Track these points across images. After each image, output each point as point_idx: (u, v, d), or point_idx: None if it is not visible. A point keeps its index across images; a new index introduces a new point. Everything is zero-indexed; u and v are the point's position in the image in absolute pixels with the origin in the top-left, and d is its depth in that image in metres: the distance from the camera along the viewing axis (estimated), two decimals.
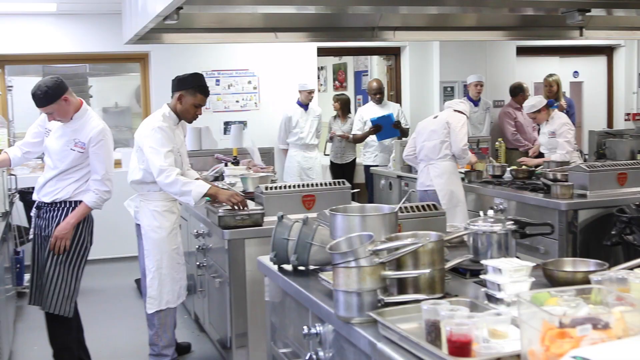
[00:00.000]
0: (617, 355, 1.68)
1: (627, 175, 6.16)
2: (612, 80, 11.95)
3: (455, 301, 2.61)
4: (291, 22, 7.28)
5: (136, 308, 6.87)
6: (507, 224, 3.37)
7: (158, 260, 5.24)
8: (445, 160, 6.93)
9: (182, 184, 4.99)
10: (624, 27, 8.47)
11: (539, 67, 10.91)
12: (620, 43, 11.60)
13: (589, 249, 5.86)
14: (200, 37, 7.30)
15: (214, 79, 9.69)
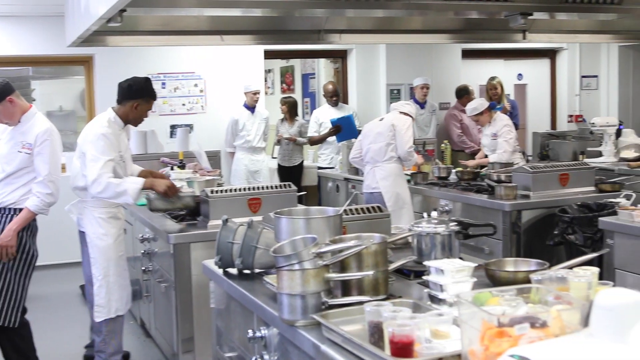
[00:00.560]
0: (553, 353, 1.70)
1: (569, 176, 6.27)
2: (555, 82, 12.15)
3: (399, 302, 2.63)
4: (237, 25, 7.26)
5: (81, 314, 6.77)
6: (450, 225, 3.40)
7: (105, 267, 5.14)
8: (391, 163, 6.96)
9: (115, 185, 4.90)
10: (566, 31, 8.63)
11: (484, 69, 11.04)
12: (563, 46, 11.80)
13: (532, 248, 5.94)
14: (145, 40, 7.23)
15: (160, 82, 9.61)
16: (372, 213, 3.85)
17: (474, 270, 2.85)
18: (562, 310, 1.96)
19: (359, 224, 3.72)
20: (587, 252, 4.81)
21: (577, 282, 2.55)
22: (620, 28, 8.82)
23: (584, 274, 2.64)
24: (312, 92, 12.74)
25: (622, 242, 4.86)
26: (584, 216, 5.53)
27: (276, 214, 3.23)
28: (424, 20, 7.88)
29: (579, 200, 5.89)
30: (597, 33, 8.94)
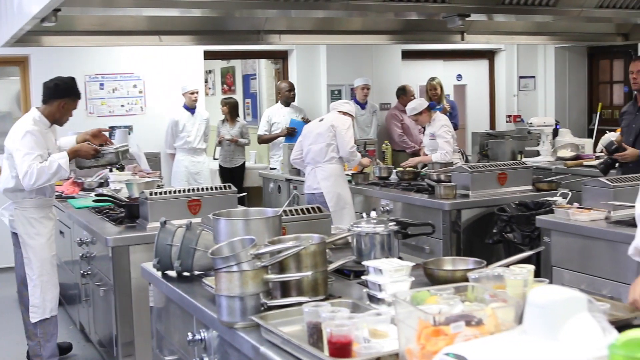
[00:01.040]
0: (487, 350, 1.72)
1: (507, 175, 6.35)
2: (493, 83, 12.31)
3: (337, 302, 2.63)
4: (176, 25, 7.20)
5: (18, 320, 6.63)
6: (389, 225, 3.42)
7: (39, 267, 5.09)
8: (332, 163, 6.97)
9: (47, 168, 5.02)
10: (503, 32, 8.75)
11: (424, 70, 11.13)
12: (501, 47, 11.96)
13: (472, 247, 6.01)
14: (82, 40, 7.12)
15: (97, 82, 9.48)
16: (311, 214, 3.84)
17: (412, 269, 2.87)
18: (497, 308, 1.98)
19: (298, 224, 3.72)
20: (525, 250, 4.88)
21: (513, 279, 2.59)
22: (556, 30, 8.98)
23: (520, 271, 2.67)
24: (253, 93, 12.70)
25: (559, 240, 4.95)
26: (522, 215, 5.61)
27: (214, 215, 3.20)
28: (364, 21, 7.91)
29: (517, 199, 5.97)
30: (533, 34, 9.08)
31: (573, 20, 7.30)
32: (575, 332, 1.70)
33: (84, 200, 6.26)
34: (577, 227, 4.80)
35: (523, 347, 1.72)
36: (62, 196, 6.61)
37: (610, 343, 1.40)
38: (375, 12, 6.14)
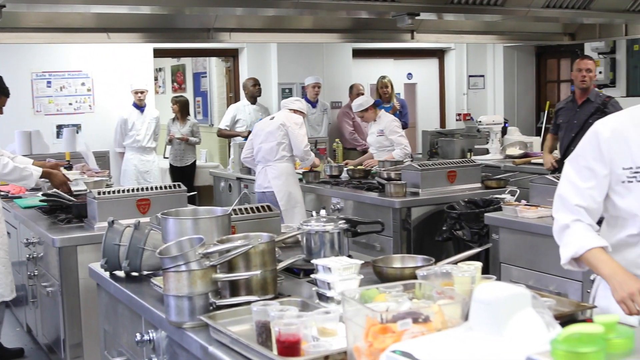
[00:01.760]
0: (433, 347, 1.73)
1: (456, 173, 6.41)
2: (443, 81, 12.41)
3: (287, 301, 2.63)
4: (125, 22, 7.13)
5: None
6: (339, 223, 3.43)
7: None
8: (282, 162, 6.97)
9: (21, 170, 5.29)
10: (453, 31, 8.84)
11: (375, 68, 11.17)
12: (451, 46, 12.06)
13: (422, 244, 6.05)
14: (28, 37, 7.01)
15: (45, 80, 9.32)
16: (261, 212, 3.83)
17: (362, 267, 2.88)
18: (444, 305, 1.99)
19: (248, 223, 3.71)
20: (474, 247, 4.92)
21: (461, 276, 2.61)
22: (504, 29, 9.09)
23: (467, 268, 2.70)
24: (204, 91, 12.63)
25: (507, 237, 5.01)
26: (471, 212, 5.66)
27: (163, 214, 3.17)
28: (314, 20, 7.93)
29: (466, 197, 6.03)
30: (482, 34, 9.19)
31: (521, 19, 7.40)
32: (519, 328, 1.72)
33: (30, 200, 6.16)
34: (524, 224, 4.87)
35: (468, 343, 1.73)
36: (9, 196, 6.50)
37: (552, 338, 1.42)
38: (325, 10, 6.17)
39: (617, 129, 2.71)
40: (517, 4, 6.49)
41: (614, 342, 1.44)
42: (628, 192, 2.71)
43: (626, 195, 2.72)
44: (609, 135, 2.70)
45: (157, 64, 12.35)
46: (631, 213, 2.72)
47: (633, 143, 2.69)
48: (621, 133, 2.70)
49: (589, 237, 2.73)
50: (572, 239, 2.75)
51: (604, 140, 2.70)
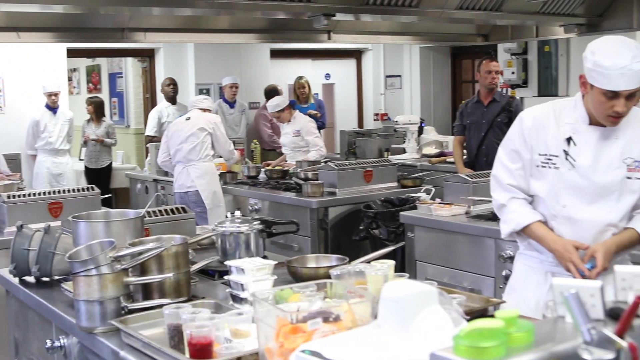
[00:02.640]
0: (342, 345, 1.74)
1: (373, 172, 6.46)
2: (361, 82, 12.50)
3: (200, 304, 2.62)
4: (36, 21, 6.94)
5: None
6: (253, 224, 3.42)
7: None
8: (205, 161, 6.93)
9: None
10: (369, 32, 8.90)
11: (293, 69, 11.19)
12: (368, 47, 12.16)
13: (339, 244, 6.09)
14: None
15: None
16: (175, 214, 3.80)
17: (277, 267, 2.88)
18: (354, 303, 2.01)
19: (162, 225, 3.67)
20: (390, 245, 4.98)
21: (374, 275, 2.64)
22: (420, 30, 9.19)
23: (380, 267, 2.73)
24: (120, 92, 12.43)
25: (422, 235, 5.09)
26: (387, 211, 5.72)
27: (74, 217, 3.11)
28: (231, 20, 7.87)
29: (382, 196, 6.09)
30: (399, 34, 9.28)
31: (436, 21, 7.52)
32: (426, 325, 1.75)
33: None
34: (439, 222, 4.95)
35: (377, 341, 1.75)
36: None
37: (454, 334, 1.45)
38: (242, 10, 6.14)
39: (538, 119, 3.03)
40: (431, 5, 6.58)
41: (515, 336, 1.47)
42: (541, 176, 3.02)
43: (540, 179, 3.03)
44: (531, 123, 3.03)
45: (72, 64, 12.10)
46: (540, 196, 3.05)
47: (550, 133, 2.99)
48: (541, 123, 3.01)
49: (525, 212, 3.06)
50: (511, 216, 3.08)
51: (526, 127, 3.04)
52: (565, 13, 7.36)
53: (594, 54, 2.84)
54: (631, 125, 2.96)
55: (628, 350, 1.42)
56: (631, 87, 2.81)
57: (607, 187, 2.94)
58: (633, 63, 2.77)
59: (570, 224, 2.98)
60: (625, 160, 2.94)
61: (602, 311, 1.60)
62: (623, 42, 2.87)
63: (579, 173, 2.95)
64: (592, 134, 2.95)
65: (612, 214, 2.96)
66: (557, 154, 2.97)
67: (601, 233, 2.97)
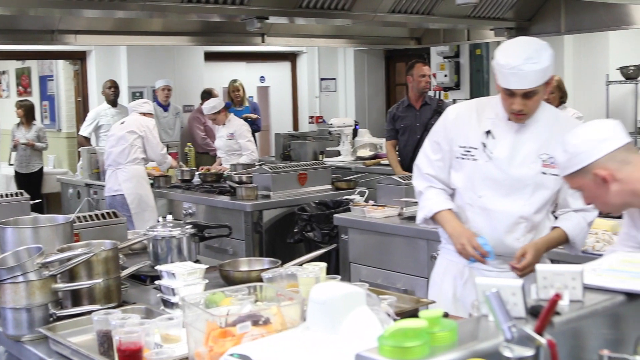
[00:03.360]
0: (270, 348, 1.75)
1: (307, 175, 6.48)
2: (296, 85, 12.50)
3: (130, 309, 2.60)
4: None
5: None
6: (185, 228, 3.41)
7: None
8: (134, 165, 6.87)
9: None
10: (303, 35, 8.92)
11: (227, 72, 11.13)
12: (303, 50, 12.17)
13: (274, 247, 6.09)
14: None
15: None
16: (106, 219, 3.76)
17: (209, 271, 2.88)
18: (284, 306, 2.02)
19: (92, 230, 3.63)
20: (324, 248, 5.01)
21: (305, 277, 2.66)
22: (353, 33, 9.25)
23: (312, 269, 2.75)
24: (51, 95, 12.20)
25: (355, 237, 5.12)
26: (321, 214, 5.75)
27: (0, 223, 3.05)
28: (164, 22, 7.81)
29: (317, 199, 6.12)
30: (333, 37, 9.31)
31: (369, 24, 7.57)
32: (354, 326, 1.76)
33: None
34: (372, 224, 4.99)
35: (305, 343, 1.77)
36: None
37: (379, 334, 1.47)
38: (175, 13, 6.09)
39: (461, 114, 3.18)
40: (364, 8, 6.63)
41: (438, 336, 1.50)
42: (460, 167, 3.14)
43: (459, 170, 3.15)
44: (454, 117, 3.18)
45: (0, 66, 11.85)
46: (457, 186, 3.17)
47: (471, 126, 3.12)
48: (463, 117, 3.15)
49: (438, 200, 3.17)
50: (425, 203, 3.21)
51: (449, 121, 3.19)
52: (495, 17, 7.49)
53: (499, 51, 2.98)
54: (551, 125, 3.06)
55: (547, 347, 1.45)
56: (524, 87, 2.91)
57: (522, 180, 3.04)
58: (525, 64, 2.86)
59: (485, 214, 3.08)
60: (541, 156, 3.03)
61: (523, 309, 1.65)
62: (528, 43, 2.97)
63: (496, 165, 3.05)
64: (510, 129, 3.07)
65: (526, 207, 3.05)
66: (476, 146, 3.08)
67: (514, 225, 3.06)
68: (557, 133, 2.95)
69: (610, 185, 2.46)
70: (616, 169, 2.46)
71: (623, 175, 2.46)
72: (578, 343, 1.77)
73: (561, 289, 1.77)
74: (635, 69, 8.67)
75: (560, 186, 3.04)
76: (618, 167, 2.46)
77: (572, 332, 1.74)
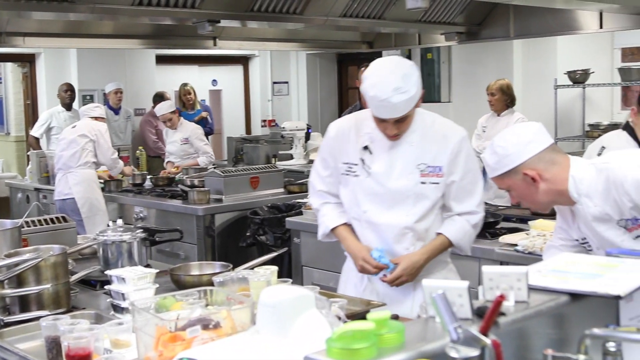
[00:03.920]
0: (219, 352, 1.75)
1: (259, 178, 6.47)
2: (248, 88, 12.49)
3: (80, 314, 2.58)
4: None
5: None
6: (136, 232, 3.39)
7: None
8: (85, 168, 6.83)
9: None
10: (255, 38, 8.92)
11: (179, 75, 11.08)
12: (255, 53, 12.17)
13: (227, 251, 6.07)
14: None
15: None
16: (55, 224, 3.72)
17: (160, 275, 2.87)
18: (233, 310, 2.02)
19: (41, 235, 3.59)
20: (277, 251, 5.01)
21: (256, 281, 2.66)
22: (306, 37, 9.27)
23: (264, 273, 2.76)
24: None
25: (307, 240, 5.13)
26: (274, 217, 5.75)
27: None
28: (115, 25, 7.75)
29: (269, 202, 6.12)
30: (285, 41, 9.33)
31: (321, 28, 7.59)
32: (303, 329, 1.78)
33: None
34: None
35: (255, 346, 1.77)
36: None
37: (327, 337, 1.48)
38: (125, 16, 6.05)
39: (341, 129, 3.21)
40: (315, 12, 6.66)
41: (386, 337, 1.52)
42: (346, 183, 3.18)
43: (345, 186, 3.19)
44: (334, 135, 3.22)
45: None
46: (345, 201, 3.21)
47: (350, 143, 3.15)
48: (343, 133, 3.18)
49: (333, 216, 3.23)
50: (322, 219, 3.27)
51: (330, 138, 3.23)
52: (446, 22, 7.57)
53: (366, 79, 2.97)
54: (426, 133, 3.09)
55: (491, 347, 1.48)
56: (394, 116, 2.94)
57: (402, 192, 3.07)
58: (393, 96, 2.87)
59: (371, 228, 3.13)
60: (419, 166, 3.06)
61: (470, 310, 1.67)
62: (393, 71, 2.95)
63: (375, 180, 3.09)
64: (386, 143, 3.08)
65: (409, 217, 3.08)
66: (356, 162, 3.12)
67: (401, 236, 3.10)
68: (433, 139, 3.06)
69: (539, 184, 2.58)
70: (544, 169, 2.58)
71: (550, 175, 2.58)
72: (523, 343, 1.80)
73: (507, 290, 1.80)
74: (582, 73, 8.84)
75: (442, 193, 3.09)
76: (545, 167, 2.58)
77: (518, 332, 1.78)
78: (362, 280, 3.23)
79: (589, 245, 2.69)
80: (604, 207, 2.55)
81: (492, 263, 3.92)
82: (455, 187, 3.08)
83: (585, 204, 2.59)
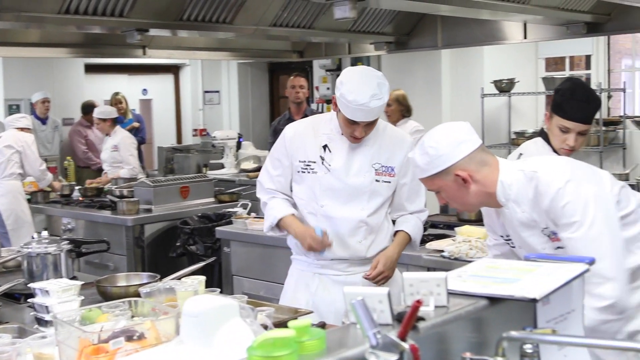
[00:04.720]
0: None
1: (189, 188, 6.44)
2: (179, 97, 12.43)
3: (2, 329, 2.54)
4: None
5: None
6: (62, 244, 3.35)
7: None
8: (10, 180, 6.73)
9: None
10: (186, 47, 8.87)
11: (109, 84, 10.96)
12: (186, 62, 12.11)
13: (157, 261, 6.03)
14: None
15: None
16: None
17: (86, 287, 2.84)
18: (158, 320, 2.02)
19: None
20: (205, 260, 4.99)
21: (184, 291, 2.65)
22: (236, 46, 9.26)
23: (191, 283, 2.75)
24: None
25: (237, 250, 5.14)
26: (204, 227, 5.74)
27: None
28: (42, 34, 7.62)
29: (199, 212, 6.11)
30: (216, 50, 9.29)
31: (252, 37, 7.59)
32: (227, 338, 1.78)
33: None
34: (254, 237, 5.03)
35: (178, 356, 1.77)
36: None
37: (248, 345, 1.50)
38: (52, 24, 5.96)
39: (298, 131, 3.45)
40: (245, 22, 6.66)
41: (307, 344, 1.54)
42: (302, 181, 3.41)
43: (300, 183, 3.42)
44: (292, 135, 3.44)
45: None
46: (300, 197, 3.43)
47: (308, 142, 3.39)
48: (301, 134, 3.43)
49: (281, 208, 3.42)
50: (270, 212, 3.45)
51: (287, 139, 3.44)
52: (375, 31, 7.65)
53: (343, 84, 3.19)
54: (380, 136, 3.38)
55: (410, 352, 1.51)
56: (368, 119, 3.22)
57: (359, 188, 3.33)
58: (372, 101, 3.14)
59: (328, 221, 3.34)
60: (374, 165, 3.34)
61: (390, 316, 1.71)
62: (369, 79, 3.21)
63: (334, 176, 3.34)
64: (344, 143, 3.35)
65: (364, 211, 3.34)
66: (315, 160, 3.37)
67: (356, 229, 3.35)
68: (388, 142, 3.37)
69: (470, 185, 2.58)
70: (475, 170, 2.57)
71: (481, 176, 2.58)
72: (443, 347, 1.84)
73: (427, 296, 1.84)
74: (508, 82, 9.05)
75: (392, 191, 3.39)
76: (476, 169, 2.58)
77: (437, 337, 1.81)
78: (313, 283, 3.43)
79: (512, 243, 2.76)
80: (532, 214, 2.57)
81: (419, 269, 3.99)
82: (407, 189, 3.41)
83: (513, 209, 2.61)
